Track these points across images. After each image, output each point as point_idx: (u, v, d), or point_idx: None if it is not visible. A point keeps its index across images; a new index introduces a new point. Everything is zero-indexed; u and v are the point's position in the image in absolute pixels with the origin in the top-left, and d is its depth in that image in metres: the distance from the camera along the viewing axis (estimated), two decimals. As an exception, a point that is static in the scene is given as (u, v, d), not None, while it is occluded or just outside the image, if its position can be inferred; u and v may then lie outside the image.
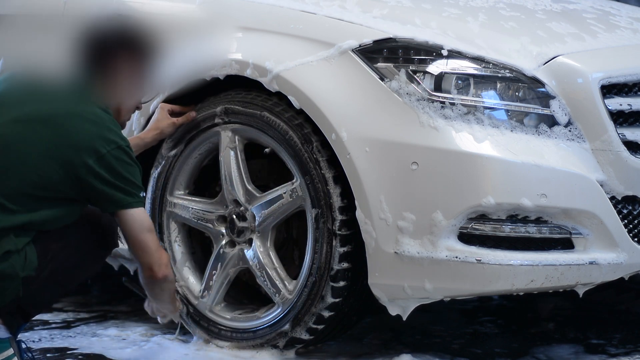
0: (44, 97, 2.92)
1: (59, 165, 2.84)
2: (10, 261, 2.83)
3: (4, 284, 2.84)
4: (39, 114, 2.87)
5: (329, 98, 3.18)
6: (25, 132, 2.85)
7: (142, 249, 2.97)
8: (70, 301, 4.06)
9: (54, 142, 2.85)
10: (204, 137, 3.43)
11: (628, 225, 3.20)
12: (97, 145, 2.85)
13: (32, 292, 2.90)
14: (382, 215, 3.10)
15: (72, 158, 2.84)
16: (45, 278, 2.91)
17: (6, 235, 2.82)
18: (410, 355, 3.35)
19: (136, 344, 3.54)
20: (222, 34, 3.41)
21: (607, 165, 3.16)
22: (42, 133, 2.85)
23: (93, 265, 3.07)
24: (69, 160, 2.84)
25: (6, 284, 2.84)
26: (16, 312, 2.95)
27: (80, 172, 2.85)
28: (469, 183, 3.05)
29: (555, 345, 3.57)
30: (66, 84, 2.97)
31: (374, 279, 3.16)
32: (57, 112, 2.88)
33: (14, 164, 2.84)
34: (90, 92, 2.94)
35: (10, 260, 2.83)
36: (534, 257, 3.10)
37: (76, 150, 2.85)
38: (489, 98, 3.15)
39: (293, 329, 3.31)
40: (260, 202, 3.35)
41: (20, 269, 2.85)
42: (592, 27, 3.52)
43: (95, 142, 2.86)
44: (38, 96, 2.93)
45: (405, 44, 3.18)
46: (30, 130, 2.86)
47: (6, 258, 2.82)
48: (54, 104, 2.90)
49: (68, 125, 2.86)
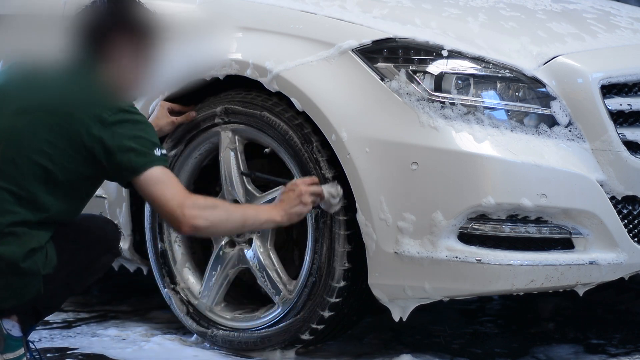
0: (44, 85, 2.90)
1: (69, 144, 2.80)
2: (34, 258, 2.83)
3: (28, 281, 2.85)
4: (42, 101, 2.85)
5: (329, 98, 3.18)
6: (32, 122, 2.83)
7: (156, 206, 2.84)
8: (70, 301, 4.05)
9: (59, 124, 2.81)
10: (204, 137, 3.43)
11: (628, 225, 3.20)
12: (99, 112, 2.79)
13: (48, 292, 2.90)
14: (382, 215, 3.10)
15: (78, 132, 2.79)
16: (61, 278, 2.92)
17: (29, 231, 2.82)
18: (410, 355, 3.35)
19: (136, 344, 3.54)
20: (222, 34, 3.41)
21: (607, 165, 3.16)
22: (47, 119, 2.82)
23: (101, 269, 3.07)
24: (76, 136, 2.79)
25: (30, 281, 2.85)
26: (29, 312, 2.97)
27: (88, 144, 2.79)
28: (469, 183, 3.05)
29: (555, 345, 3.57)
30: (64, 68, 2.92)
31: (374, 279, 3.16)
32: (59, 95, 2.85)
33: (25, 153, 2.81)
34: (89, 72, 2.89)
35: (34, 258, 2.83)
36: (534, 257, 3.10)
37: (80, 123, 2.79)
38: (489, 98, 3.15)
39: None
40: (260, 202, 3.35)
41: (42, 266, 2.85)
42: (592, 27, 3.52)
43: (97, 110, 2.79)
44: (38, 84, 2.90)
45: (405, 44, 3.18)
46: (37, 120, 2.83)
47: (31, 255, 2.82)
48: (54, 90, 2.87)
49: (69, 104, 2.82)
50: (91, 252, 2.99)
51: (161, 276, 3.55)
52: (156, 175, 2.80)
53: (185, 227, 2.82)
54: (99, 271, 3.06)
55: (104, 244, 3.03)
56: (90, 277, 3.05)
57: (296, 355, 3.38)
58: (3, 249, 2.79)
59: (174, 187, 2.82)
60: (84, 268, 2.99)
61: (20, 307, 2.91)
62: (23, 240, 2.81)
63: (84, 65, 2.90)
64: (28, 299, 2.88)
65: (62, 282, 2.94)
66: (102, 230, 3.03)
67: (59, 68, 2.94)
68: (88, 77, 2.87)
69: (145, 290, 4.24)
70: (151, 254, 3.55)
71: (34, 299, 2.90)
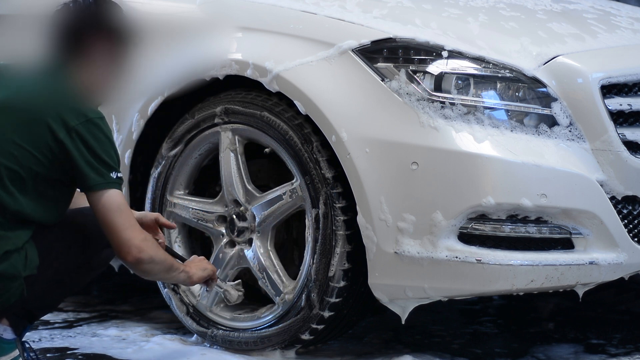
0: (15, 84, 2.85)
1: (34, 145, 2.76)
2: (10, 261, 2.78)
3: (7, 285, 2.80)
4: (9, 100, 2.80)
5: (329, 98, 3.18)
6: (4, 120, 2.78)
7: (109, 230, 2.82)
8: (70, 301, 4.06)
9: (25, 123, 2.77)
10: (203, 137, 3.43)
11: (628, 225, 3.20)
12: (66, 117, 2.76)
13: (36, 293, 2.86)
14: (382, 216, 3.10)
15: (43, 134, 2.75)
16: (49, 278, 2.88)
17: (3, 233, 2.77)
18: (411, 355, 3.35)
19: (137, 344, 3.54)
20: (222, 34, 3.41)
21: (607, 165, 3.16)
22: (13, 120, 2.78)
23: (101, 265, 3.02)
24: (41, 137, 2.75)
25: (8, 285, 2.81)
26: (21, 313, 2.94)
27: (53, 146, 2.76)
28: (469, 183, 3.05)
29: (555, 345, 3.57)
30: (38, 68, 2.88)
31: (374, 279, 3.16)
32: (27, 96, 2.81)
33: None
34: (61, 72, 2.84)
35: (10, 260, 2.78)
36: (534, 257, 3.10)
37: (46, 125, 2.75)
38: (489, 98, 3.15)
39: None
40: (260, 202, 3.35)
41: (22, 268, 2.81)
42: (593, 27, 3.52)
43: (64, 114, 2.76)
44: (8, 84, 2.85)
45: (405, 44, 3.18)
46: (4, 118, 2.78)
47: (6, 258, 2.78)
48: (23, 90, 2.82)
49: (37, 104, 2.78)
50: (87, 249, 2.93)
51: (161, 276, 3.54)
52: (109, 200, 2.80)
53: (129, 257, 2.83)
54: (98, 267, 3.00)
55: (103, 240, 2.92)
56: (89, 273, 3.00)
57: (296, 355, 3.38)
58: None
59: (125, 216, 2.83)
60: (80, 265, 2.94)
61: (7, 310, 2.86)
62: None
63: (56, 66, 2.86)
64: (12, 302, 2.83)
65: (53, 280, 2.89)
66: (98, 226, 2.90)
67: (33, 68, 2.90)
68: (59, 78, 2.83)
69: (145, 290, 4.24)
70: (151, 254, 3.55)
71: (20, 302, 2.85)
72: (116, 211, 2.80)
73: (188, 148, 3.46)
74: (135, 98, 3.50)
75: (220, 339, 3.44)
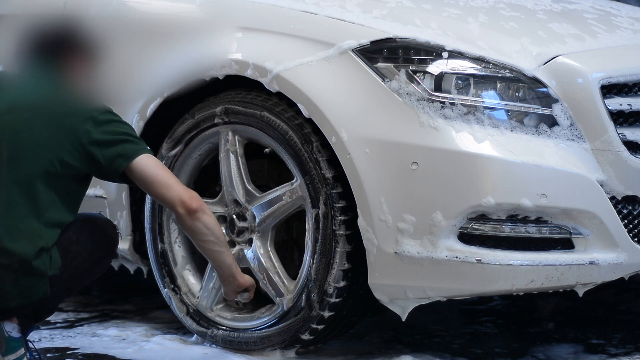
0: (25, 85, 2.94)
1: (66, 139, 2.84)
2: (42, 259, 2.85)
3: (36, 281, 2.86)
4: (31, 99, 2.88)
5: (329, 98, 3.18)
6: (28, 117, 2.85)
7: (165, 185, 2.91)
8: (71, 301, 4.07)
9: (55, 122, 2.85)
10: (203, 137, 3.43)
11: (628, 225, 3.20)
12: (92, 112, 2.87)
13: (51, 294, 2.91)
14: (382, 217, 3.10)
15: (75, 128, 2.84)
16: (64, 280, 2.93)
17: (38, 229, 2.83)
18: (411, 355, 3.35)
19: (137, 344, 3.54)
20: (222, 34, 3.41)
21: (607, 165, 3.16)
22: (42, 115, 2.86)
23: (99, 271, 3.09)
24: (73, 130, 2.84)
25: (38, 281, 2.86)
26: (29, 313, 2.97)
27: (83, 138, 2.84)
28: (468, 183, 3.05)
29: (555, 345, 3.57)
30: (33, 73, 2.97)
31: (374, 280, 3.16)
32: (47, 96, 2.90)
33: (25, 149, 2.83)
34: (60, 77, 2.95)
35: (42, 258, 2.85)
36: (534, 257, 3.10)
37: (77, 120, 2.85)
38: (489, 98, 3.15)
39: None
40: (260, 202, 3.36)
41: (48, 267, 2.87)
42: (593, 28, 3.52)
43: (88, 110, 2.87)
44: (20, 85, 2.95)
45: (405, 44, 3.18)
46: (32, 115, 2.85)
47: (40, 255, 2.84)
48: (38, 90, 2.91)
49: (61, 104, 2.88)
50: (93, 255, 3.00)
51: (161, 276, 3.55)
52: (152, 160, 2.91)
53: (194, 204, 2.90)
54: (97, 273, 3.08)
55: (105, 247, 3.04)
56: (89, 279, 3.07)
57: (296, 355, 3.38)
58: (15, 245, 2.80)
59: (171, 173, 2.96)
60: (85, 271, 3.00)
61: (25, 307, 2.91)
62: (32, 239, 2.83)
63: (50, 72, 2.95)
64: (37, 298, 2.89)
65: (64, 284, 2.95)
66: (103, 233, 3.04)
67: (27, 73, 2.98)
68: (64, 82, 2.94)
69: (145, 290, 4.25)
70: (151, 254, 3.56)
71: (39, 301, 2.90)
72: (163, 168, 2.94)
73: (188, 148, 3.46)
74: (135, 99, 3.50)
75: (220, 339, 3.44)
